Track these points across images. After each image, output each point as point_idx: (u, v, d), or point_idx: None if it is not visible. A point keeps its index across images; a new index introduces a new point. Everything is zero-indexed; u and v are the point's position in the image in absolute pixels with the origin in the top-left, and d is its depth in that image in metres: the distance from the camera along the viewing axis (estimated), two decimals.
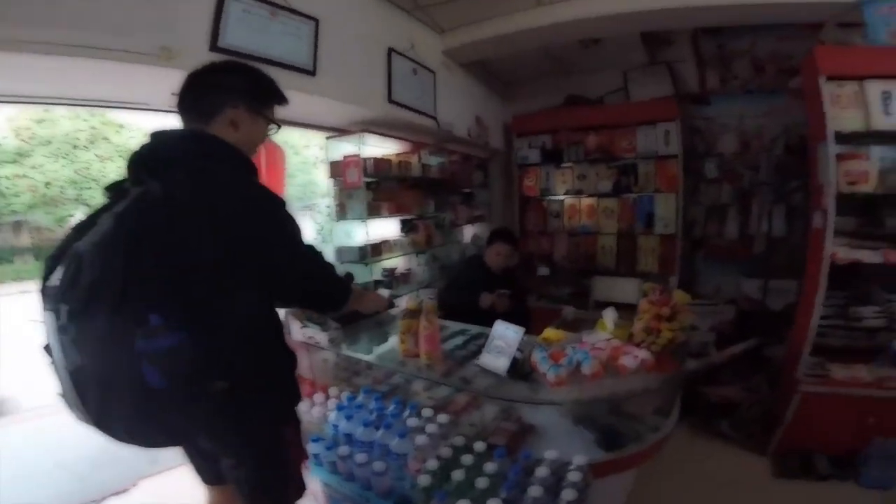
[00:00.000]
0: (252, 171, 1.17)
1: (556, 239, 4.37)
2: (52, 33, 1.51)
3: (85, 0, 1.58)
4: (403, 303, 3.25)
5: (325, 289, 1.27)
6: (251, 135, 1.22)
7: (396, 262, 3.47)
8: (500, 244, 2.77)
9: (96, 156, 12.03)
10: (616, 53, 3.84)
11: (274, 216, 1.10)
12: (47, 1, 1.50)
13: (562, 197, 4.32)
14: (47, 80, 1.86)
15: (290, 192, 3.11)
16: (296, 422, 1.30)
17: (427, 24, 3.31)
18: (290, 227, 1.13)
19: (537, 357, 1.58)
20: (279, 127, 1.31)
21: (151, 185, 0.96)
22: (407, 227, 3.62)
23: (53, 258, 0.95)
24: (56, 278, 0.90)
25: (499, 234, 2.84)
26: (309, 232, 3.46)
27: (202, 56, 1.86)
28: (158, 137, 1.10)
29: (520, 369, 1.59)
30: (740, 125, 3.77)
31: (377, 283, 3.15)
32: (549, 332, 1.86)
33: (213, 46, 1.97)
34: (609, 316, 1.87)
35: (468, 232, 4.51)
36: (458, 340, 2.09)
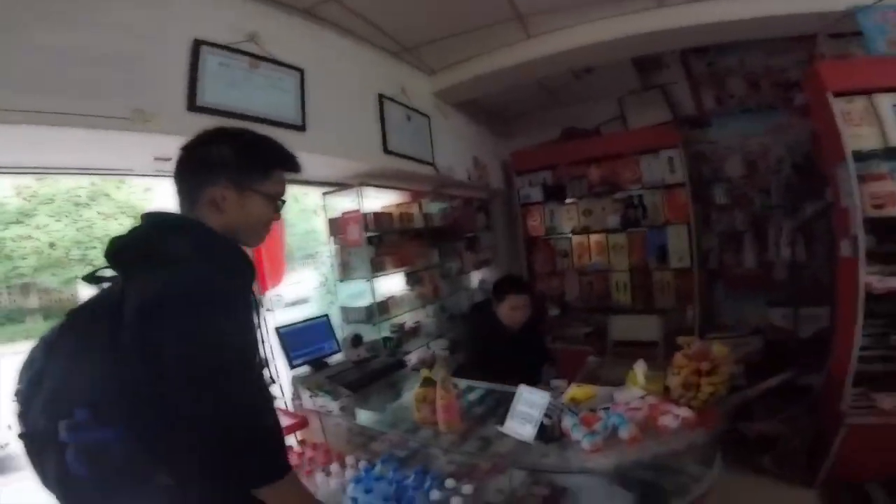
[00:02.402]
0: (219, 265, 0.96)
1: (566, 278, 4.23)
2: (22, 100, 1.41)
3: (49, 64, 1.49)
4: (414, 358, 3.15)
5: (244, 455, 0.87)
6: (243, 215, 1.04)
7: (405, 317, 3.36)
8: (513, 297, 2.35)
9: (98, 213, 12.16)
10: (609, 81, 3.81)
11: (191, 338, 0.85)
12: (17, 67, 1.42)
13: (569, 235, 4.22)
14: (29, 150, 1.76)
15: (291, 242, 2.99)
16: None
17: (416, 67, 3.29)
18: (215, 351, 0.86)
19: (569, 423, 1.47)
20: (282, 201, 1.12)
21: (112, 288, 0.96)
22: (412, 279, 3.52)
23: None
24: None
25: (509, 285, 2.42)
26: (311, 284, 3.34)
27: (180, 117, 1.81)
28: (135, 228, 1.02)
29: (549, 435, 1.47)
30: (744, 146, 3.69)
31: (386, 340, 3.03)
32: (576, 391, 1.76)
33: (192, 106, 1.86)
34: (640, 369, 1.74)
35: (475, 278, 4.40)
36: (474, 396, 2.02)
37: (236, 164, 1.02)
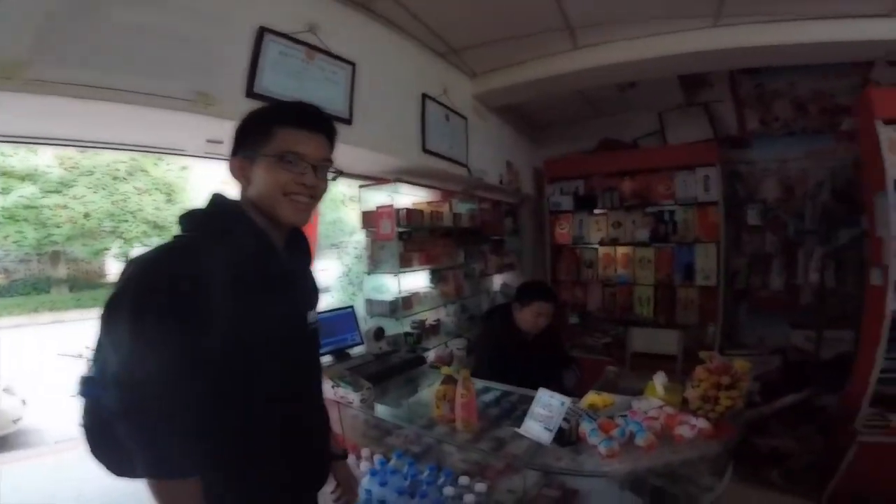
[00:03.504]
0: (209, 239, 0.93)
1: (589, 288, 4.24)
2: (83, 75, 1.43)
3: (120, 42, 1.51)
4: (432, 355, 3.20)
5: (129, 437, 0.84)
6: (257, 184, 0.99)
7: (426, 314, 3.40)
8: (540, 303, 2.35)
9: (134, 188, 12.55)
10: (652, 95, 3.80)
11: (118, 300, 0.85)
12: (89, 42, 1.45)
13: (596, 245, 4.22)
14: (81, 124, 1.78)
15: (319, 231, 3.00)
16: None
17: (459, 68, 3.29)
18: (129, 324, 0.83)
19: (586, 428, 1.49)
20: (295, 157, 0.98)
21: None
22: (436, 277, 3.57)
23: None
24: None
25: (537, 291, 2.42)
26: (334, 274, 3.36)
27: (239, 102, 1.81)
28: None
29: (566, 438, 1.50)
30: (782, 169, 3.64)
31: (407, 336, 3.07)
32: (594, 398, 1.77)
33: (250, 92, 1.89)
34: (659, 380, 1.75)
35: (497, 281, 4.42)
36: (490, 397, 2.03)
37: (239, 134, 1.02)
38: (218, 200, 1.01)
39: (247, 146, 1.00)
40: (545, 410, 1.55)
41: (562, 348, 2.73)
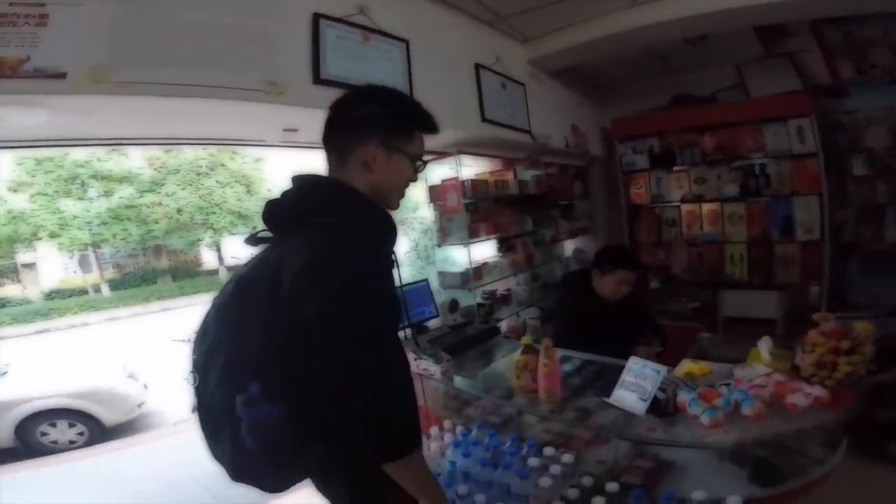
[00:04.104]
0: (368, 227, 0.97)
1: (673, 249, 4.01)
2: (165, 74, 1.50)
3: (193, 39, 1.58)
4: (505, 326, 3.17)
5: (377, 427, 0.86)
6: (389, 176, 1.04)
7: (496, 285, 3.35)
8: (626, 273, 2.19)
9: (217, 182, 13.59)
10: (727, 48, 3.51)
11: (338, 301, 0.86)
12: (158, 43, 1.51)
13: (677, 203, 3.97)
14: (168, 122, 1.88)
15: None
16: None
17: (510, 35, 3.20)
18: (356, 320, 0.86)
19: (686, 398, 1.39)
20: (424, 163, 1.12)
21: (272, 251, 0.99)
22: (504, 246, 3.50)
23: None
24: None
25: (621, 259, 2.24)
26: (402, 249, 3.42)
27: (307, 89, 1.88)
28: (287, 191, 1.03)
29: (662, 409, 1.41)
30: (891, 117, 3.27)
31: (479, 307, 3.05)
32: (691, 366, 1.65)
33: (317, 79, 1.92)
34: (765, 346, 1.60)
35: (569, 246, 4.28)
36: (570, 367, 1.96)
37: (385, 124, 1.03)
38: (334, 184, 1.03)
39: (385, 137, 1.02)
40: (637, 379, 1.47)
41: (646, 314, 2.56)
